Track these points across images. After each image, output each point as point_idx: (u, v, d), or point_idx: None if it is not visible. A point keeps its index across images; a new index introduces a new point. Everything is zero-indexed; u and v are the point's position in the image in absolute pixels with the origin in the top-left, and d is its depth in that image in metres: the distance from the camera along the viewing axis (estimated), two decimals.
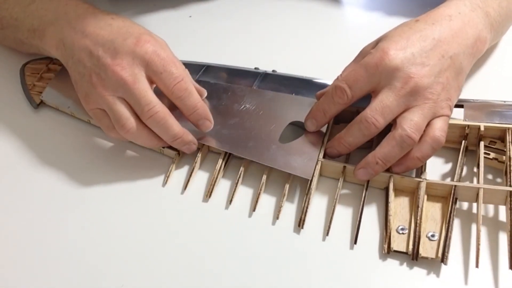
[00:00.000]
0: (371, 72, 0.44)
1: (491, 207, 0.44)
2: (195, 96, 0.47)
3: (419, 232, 0.41)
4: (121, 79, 0.44)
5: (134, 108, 0.45)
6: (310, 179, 0.45)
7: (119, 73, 0.44)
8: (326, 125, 0.48)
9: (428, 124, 0.44)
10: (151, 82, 0.46)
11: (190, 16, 0.64)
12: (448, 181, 0.45)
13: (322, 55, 0.60)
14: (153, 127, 0.45)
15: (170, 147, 0.48)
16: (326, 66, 0.50)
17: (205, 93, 0.50)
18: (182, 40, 0.50)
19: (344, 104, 0.45)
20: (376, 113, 0.43)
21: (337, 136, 0.46)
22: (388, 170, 0.44)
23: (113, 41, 0.46)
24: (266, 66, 0.56)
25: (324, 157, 0.46)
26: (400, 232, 0.42)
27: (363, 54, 0.47)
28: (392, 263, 0.41)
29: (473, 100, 0.49)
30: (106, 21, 0.48)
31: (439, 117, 0.44)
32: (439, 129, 0.43)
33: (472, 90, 0.53)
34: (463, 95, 0.49)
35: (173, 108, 0.46)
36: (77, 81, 0.47)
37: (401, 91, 0.43)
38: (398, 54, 0.44)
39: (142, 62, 0.45)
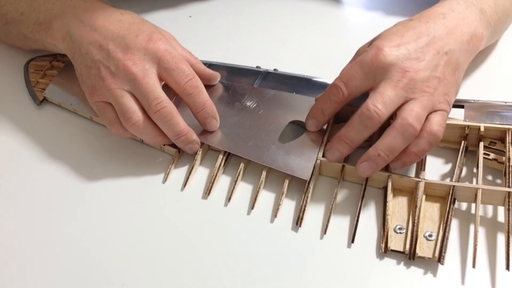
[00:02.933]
0: (367, 69, 0.44)
1: (490, 208, 0.44)
2: (204, 94, 0.47)
3: (417, 232, 0.41)
4: (131, 73, 0.45)
5: (142, 103, 0.45)
6: (308, 180, 0.45)
7: (130, 67, 0.45)
8: (326, 125, 0.48)
9: (426, 119, 0.43)
10: (160, 79, 0.46)
11: (190, 16, 0.65)
12: (447, 181, 0.45)
13: (323, 54, 0.60)
14: (159, 122, 0.46)
15: (171, 145, 0.48)
16: (327, 65, 0.50)
17: (219, 77, 0.52)
18: (182, 40, 0.50)
19: (340, 102, 0.45)
20: (377, 103, 0.42)
21: (336, 135, 0.45)
22: (386, 169, 0.44)
23: (124, 37, 0.46)
24: (267, 65, 0.56)
25: (323, 156, 0.46)
26: (398, 231, 0.42)
27: (359, 54, 0.47)
28: (390, 262, 0.41)
29: (473, 100, 0.49)
30: (115, 16, 0.49)
31: (436, 111, 0.44)
32: (436, 123, 0.43)
33: (473, 90, 0.53)
34: (464, 95, 0.49)
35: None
36: (82, 74, 0.48)
37: (399, 83, 0.43)
38: (393, 50, 0.44)
39: (153, 59, 0.46)
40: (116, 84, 0.45)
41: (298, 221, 0.43)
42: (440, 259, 0.39)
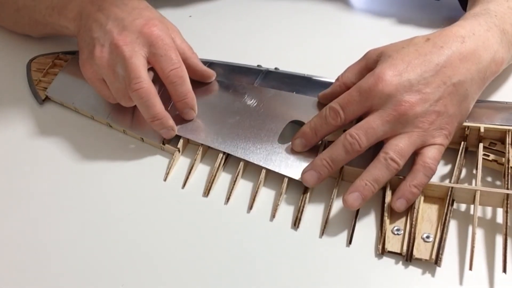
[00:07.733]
0: (364, 97, 0.43)
1: (489, 209, 0.44)
2: (187, 85, 0.49)
3: (414, 233, 0.41)
4: (120, 52, 0.47)
5: (125, 81, 0.47)
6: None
7: (121, 47, 0.47)
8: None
9: (419, 153, 0.43)
10: (149, 64, 0.48)
11: (190, 16, 0.65)
12: (445, 182, 0.45)
13: (324, 53, 0.60)
14: (137, 102, 0.47)
15: (171, 145, 0.49)
16: (328, 64, 0.50)
17: (214, 75, 0.53)
18: None
19: (337, 125, 0.45)
20: (360, 132, 0.43)
21: (317, 157, 0.45)
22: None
23: (123, 19, 0.49)
24: (268, 64, 0.56)
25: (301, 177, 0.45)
26: (395, 232, 0.42)
27: (367, 58, 0.47)
28: (387, 263, 0.41)
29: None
30: (123, 1, 0.51)
31: (431, 145, 0.43)
32: (430, 157, 0.43)
33: None
34: None
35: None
36: (82, 48, 0.50)
37: (389, 116, 0.42)
38: (393, 80, 0.43)
39: (145, 43, 0.47)
40: (107, 63, 0.47)
41: (295, 222, 0.43)
42: (437, 261, 0.39)
